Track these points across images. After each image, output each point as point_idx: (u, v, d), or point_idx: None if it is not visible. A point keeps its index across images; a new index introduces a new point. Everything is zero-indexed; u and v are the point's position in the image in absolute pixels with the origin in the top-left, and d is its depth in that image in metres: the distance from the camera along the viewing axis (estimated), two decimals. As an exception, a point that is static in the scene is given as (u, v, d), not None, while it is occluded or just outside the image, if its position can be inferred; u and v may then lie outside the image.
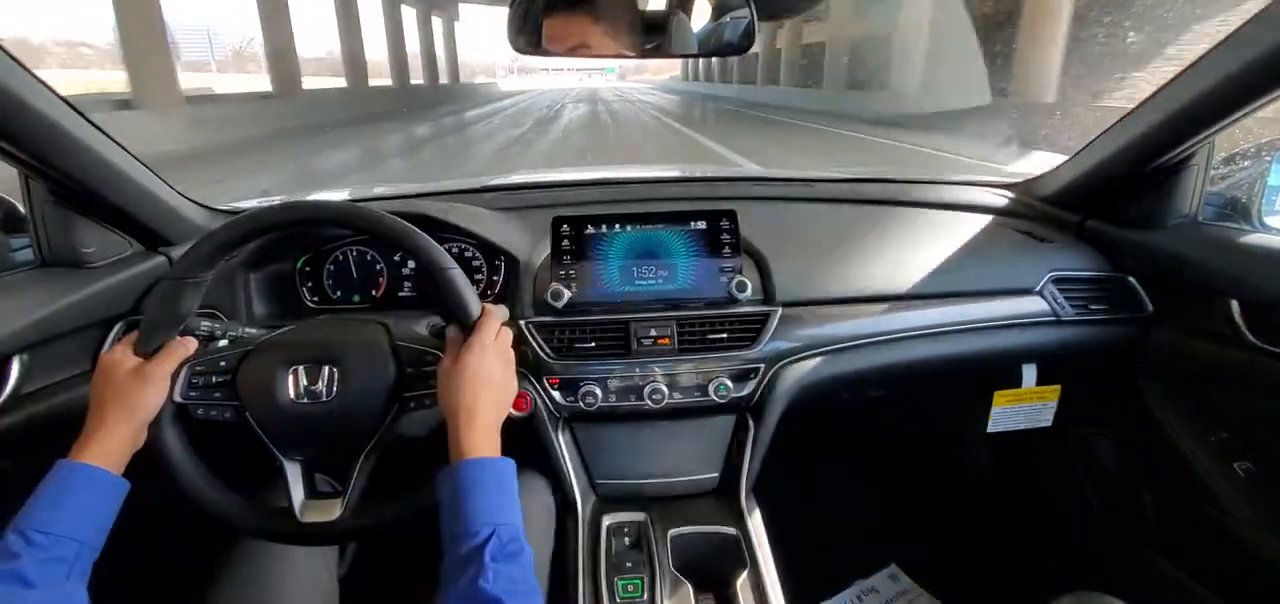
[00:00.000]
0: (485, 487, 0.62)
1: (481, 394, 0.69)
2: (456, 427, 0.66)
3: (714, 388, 0.98)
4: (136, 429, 0.68)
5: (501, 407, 0.72)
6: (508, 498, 0.63)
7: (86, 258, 0.97)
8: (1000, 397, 1.20)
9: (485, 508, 0.61)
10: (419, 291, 1.17)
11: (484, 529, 0.58)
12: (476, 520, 0.59)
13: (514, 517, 0.62)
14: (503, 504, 0.62)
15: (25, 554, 0.56)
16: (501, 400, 0.73)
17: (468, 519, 0.59)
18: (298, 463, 0.76)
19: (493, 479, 0.63)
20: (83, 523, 0.61)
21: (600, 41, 0.91)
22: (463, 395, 0.68)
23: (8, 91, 0.76)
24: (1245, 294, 0.96)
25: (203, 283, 0.74)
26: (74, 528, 0.60)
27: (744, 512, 0.99)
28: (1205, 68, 0.91)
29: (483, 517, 0.60)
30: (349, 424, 0.74)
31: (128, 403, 0.67)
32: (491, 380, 0.71)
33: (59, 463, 0.63)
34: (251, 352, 0.75)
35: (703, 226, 1.03)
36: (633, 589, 0.88)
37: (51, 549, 0.58)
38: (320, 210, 0.79)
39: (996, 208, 1.35)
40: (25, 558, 0.56)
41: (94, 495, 0.63)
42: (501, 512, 0.61)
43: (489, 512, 0.60)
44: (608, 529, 0.96)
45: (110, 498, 0.65)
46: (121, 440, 0.67)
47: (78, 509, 0.61)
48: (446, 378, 0.69)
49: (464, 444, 0.65)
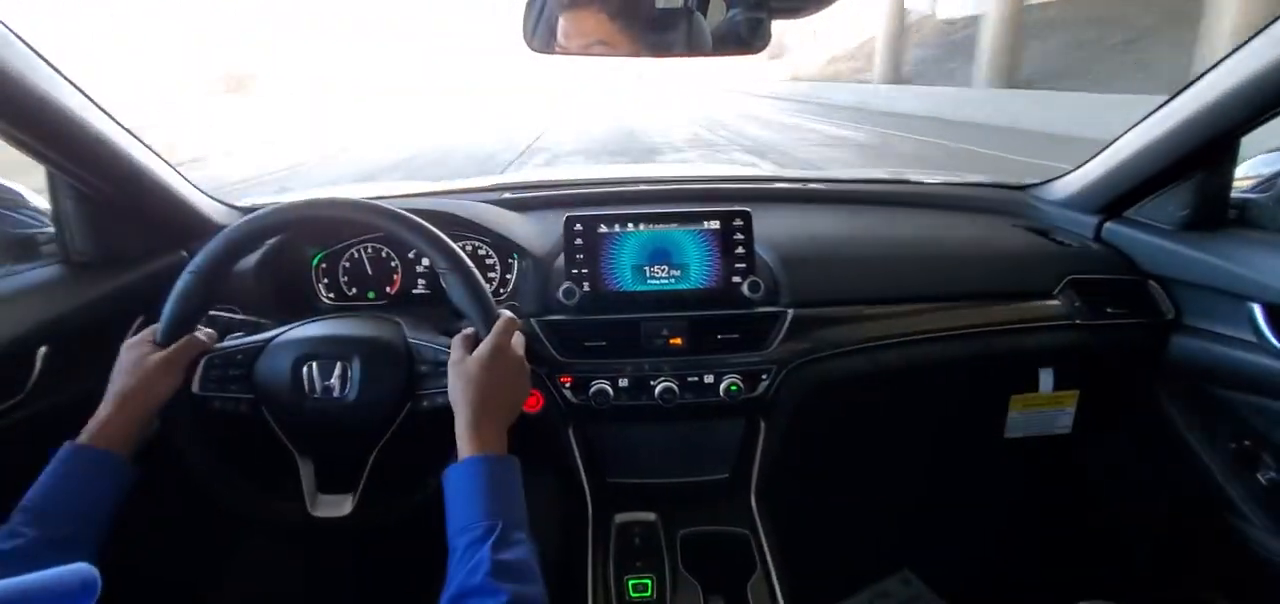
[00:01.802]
0: (490, 482, 0.64)
1: (492, 394, 0.70)
2: (464, 423, 0.67)
3: (725, 388, 0.98)
4: (147, 415, 0.70)
5: (512, 409, 0.73)
6: (512, 494, 0.65)
7: (109, 253, 0.99)
8: (1017, 401, 1.19)
9: (489, 502, 0.62)
10: (433, 289, 1.18)
11: (489, 523, 0.60)
12: (480, 515, 0.61)
13: (518, 512, 0.63)
14: (507, 500, 0.63)
15: (31, 533, 0.58)
16: (512, 402, 0.73)
17: (472, 513, 0.61)
18: (310, 457, 0.76)
19: (497, 475, 0.64)
20: (89, 503, 0.63)
21: (618, 40, 0.90)
22: (473, 393, 0.69)
23: (34, 89, 0.78)
24: (1269, 298, 0.95)
25: (222, 278, 0.75)
26: (81, 508, 0.62)
27: (754, 513, 0.99)
28: (1231, 68, 0.89)
29: (486, 511, 0.61)
30: (362, 419, 0.75)
31: (142, 389, 0.69)
32: (504, 382, 0.72)
33: (66, 444, 0.65)
34: (267, 346, 0.76)
35: (716, 227, 1.03)
36: (642, 588, 0.88)
37: (59, 528, 0.59)
38: (337, 208, 0.80)
39: (1013, 209, 1.34)
40: (32, 536, 0.57)
41: (99, 477, 0.65)
42: (505, 507, 0.62)
43: (492, 506, 0.62)
44: (617, 528, 0.96)
45: (116, 479, 0.66)
46: (129, 424, 0.68)
47: (85, 490, 0.63)
48: (458, 375, 0.70)
49: (471, 441, 0.66)
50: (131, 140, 0.96)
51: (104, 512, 0.64)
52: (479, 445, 0.66)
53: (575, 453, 1.03)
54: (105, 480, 0.65)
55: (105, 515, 0.64)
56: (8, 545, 0.56)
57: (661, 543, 0.94)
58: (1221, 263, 1.00)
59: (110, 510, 0.65)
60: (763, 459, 1.02)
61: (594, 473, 1.05)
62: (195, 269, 0.73)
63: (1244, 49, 0.87)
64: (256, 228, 0.75)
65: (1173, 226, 1.09)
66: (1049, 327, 1.08)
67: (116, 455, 0.66)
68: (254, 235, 0.75)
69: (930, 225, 1.28)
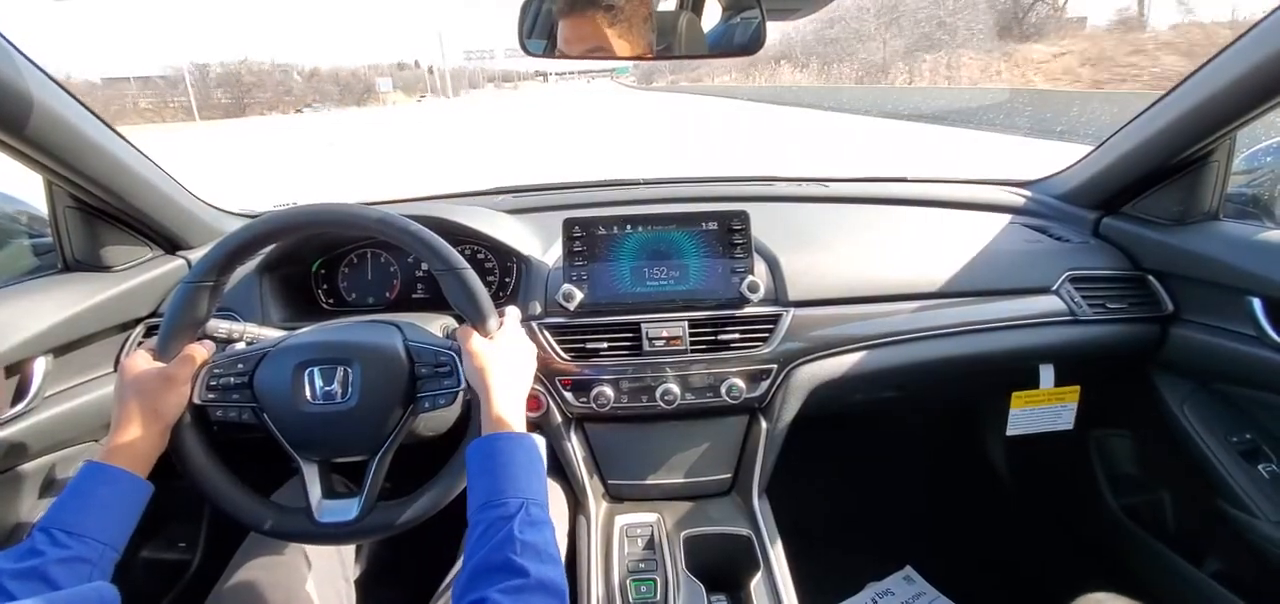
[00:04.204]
0: (516, 460, 0.64)
1: (510, 371, 0.72)
2: (488, 401, 0.69)
3: (726, 388, 0.98)
4: (161, 432, 0.70)
5: (525, 385, 0.76)
6: (536, 473, 0.65)
7: (107, 262, 0.99)
8: (1018, 398, 1.19)
9: (515, 481, 0.62)
10: (433, 294, 1.18)
11: (514, 501, 0.60)
12: (506, 492, 0.61)
13: (542, 492, 0.64)
14: (531, 479, 0.64)
15: (50, 552, 0.57)
16: (526, 378, 0.77)
17: (499, 491, 0.61)
18: (314, 463, 0.76)
19: (522, 453, 0.65)
20: (107, 524, 0.62)
21: (616, 44, 0.90)
22: (492, 372, 0.70)
23: (34, 100, 0.78)
24: (1268, 292, 0.95)
25: (220, 286, 0.75)
26: (98, 528, 0.61)
27: (757, 513, 0.99)
28: (1225, 62, 0.89)
29: (512, 489, 0.61)
30: (364, 424, 0.75)
31: (151, 406, 0.69)
32: (518, 360, 0.75)
33: (85, 464, 0.64)
34: (268, 354, 0.76)
35: (714, 227, 1.03)
36: (646, 590, 0.88)
37: (76, 549, 0.59)
38: (336, 214, 0.80)
39: (1011, 206, 1.34)
40: (50, 556, 0.57)
41: (118, 497, 0.64)
42: (530, 486, 0.63)
43: (519, 484, 0.62)
44: (621, 530, 0.96)
45: (134, 500, 0.66)
46: (147, 444, 0.68)
47: (102, 510, 0.63)
48: (474, 356, 0.71)
49: (495, 416, 0.68)
50: (129, 149, 0.96)
51: (122, 530, 0.64)
52: (502, 420, 0.68)
53: (577, 455, 1.03)
54: (122, 500, 0.65)
55: (123, 534, 0.64)
56: (27, 564, 0.56)
57: (664, 544, 0.94)
58: (1220, 257, 1.00)
59: (128, 528, 0.65)
60: (764, 458, 1.02)
61: (596, 475, 1.05)
62: (193, 279, 0.73)
63: (1239, 43, 0.87)
64: (254, 235, 0.75)
65: (1171, 221, 1.09)
66: (1048, 323, 1.08)
67: (133, 475, 0.66)
68: (252, 243, 0.75)
69: (928, 223, 1.28)
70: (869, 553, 1.53)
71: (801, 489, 1.24)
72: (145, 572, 1.12)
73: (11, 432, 0.83)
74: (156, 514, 0.69)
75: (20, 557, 0.56)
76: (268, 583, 0.81)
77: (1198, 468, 1.07)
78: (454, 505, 0.72)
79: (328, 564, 0.87)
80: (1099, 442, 1.33)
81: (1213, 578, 1.09)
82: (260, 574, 0.81)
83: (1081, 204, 1.25)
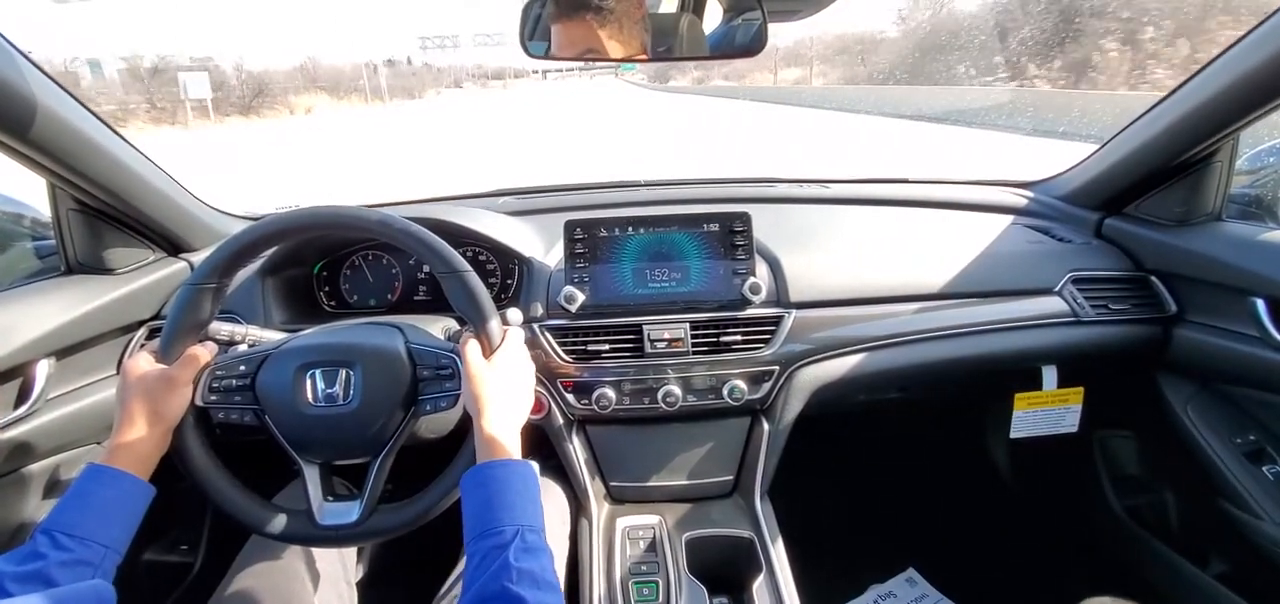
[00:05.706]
0: (510, 487, 0.64)
1: (506, 395, 0.71)
2: (481, 426, 0.68)
3: (728, 390, 0.98)
4: (163, 434, 0.70)
5: (523, 410, 0.74)
6: (531, 499, 0.64)
7: (110, 264, 0.99)
8: (1021, 399, 1.18)
9: (510, 508, 0.62)
10: (434, 296, 1.18)
11: (509, 529, 0.60)
12: (502, 520, 0.60)
13: (537, 518, 0.63)
14: (526, 505, 0.63)
15: (52, 555, 0.57)
16: (524, 403, 0.75)
17: (493, 519, 0.61)
18: (316, 466, 0.76)
19: (517, 481, 0.64)
20: (109, 526, 0.62)
21: (609, 45, 0.91)
22: (488, 396, 0.69)
23: (37, 103, 0.78)
24: (1271, 292, 0.94)
25: (223, 288, 0.75)
26: (100, 531, 0.61)
27: (759, 515, 0.98)
28: (1227, 63, 0.89)
29: (508, 517, 0.61)
30: (366, 427, 0.75)
31: (154, 408, 0.69)
32: (516, 383, 0.73)
33: (87, 466, 0.64)
34: (270, 356, 0.76)
35: (716, 229, 1.03)
36: (648, 592, 0.88)
37: (78, 551, 0.59)
38: (338, 217, 0.80)
39: (1013, 208, 1.33)
40: (52, 558, 0.57)
41: (120, 499, 0.64)
42: (526, 513, 0.62)
43: (514, 512, 0.61)
44: (623, 532, 0.96)
45: (136, 502, 0.66)
46: (149, 446, 0.68)
47: (105, 512, 0.63)
48: (472, 379, 0.71)
49: (489, 443, 0.67)
50: (132, 151, 0.97)
51: (124, 532, 0.64)
52: (496, 447, 0.67)
53: (579, 457, 1.02)
54: (124, 502, 0.65)
55: (125, 536, 0.64)
56: (29, 567, 0.56)
57: (666, 546, 0.94)
58: (1223, 258, 1.00)
59: (130, 530, 0.65)
60: (767, 460, 1.02)
61: (598, 477, 1.05)
62: (195, 281, 0.73)
63: (1242, 43, 0.87)
64: (257, 237, 0.75)
65: (1173, 222, 1.09)
66: (1051, 324, 1.08)
67: (135, 477, 0.66)
68: (254, 245, 0.75)
69: (930, 225, 1.28)
70: (872, 555, 1.52)
71: (804, 491, 1.24)
72: (147, 574, 1.12)
73: (14, 434, 0.83)
74: (158, 517, 0.69)
75: (22, 559, 0.56)
76: (269, 586, 0.81)
77: (1201, 469, 1.07)
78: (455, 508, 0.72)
79: (329, 567, 0.87)
80: (1102, 443, 1.33)
81: (1217, 580, 1.09)
82: (262, 577, 0.81)
83: (1084, 205, 1.25)
